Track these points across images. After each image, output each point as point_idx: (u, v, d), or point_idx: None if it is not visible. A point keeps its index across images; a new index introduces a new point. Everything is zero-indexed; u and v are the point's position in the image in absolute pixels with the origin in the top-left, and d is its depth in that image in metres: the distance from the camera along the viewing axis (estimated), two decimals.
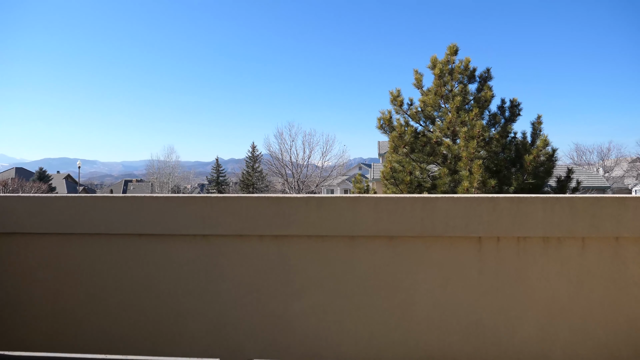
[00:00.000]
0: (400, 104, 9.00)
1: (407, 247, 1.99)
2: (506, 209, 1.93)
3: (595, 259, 1.93)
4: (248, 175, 49.99)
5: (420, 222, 1.94)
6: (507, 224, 1.93)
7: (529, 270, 1.95)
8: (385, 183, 8.48)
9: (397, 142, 8.20)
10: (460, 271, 1.97)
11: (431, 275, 1.98)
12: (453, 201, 1.94)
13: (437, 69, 8.87)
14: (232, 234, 2.02)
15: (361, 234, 1.97)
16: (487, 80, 9.14)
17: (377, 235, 1.97)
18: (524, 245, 1.95)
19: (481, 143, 7.50)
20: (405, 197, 1.96)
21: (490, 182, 7.11)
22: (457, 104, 8.10)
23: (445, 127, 8.40)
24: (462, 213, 1.94)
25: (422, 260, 1.98)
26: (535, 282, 1.95)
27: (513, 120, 8.91)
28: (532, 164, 7.52)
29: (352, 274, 2.00)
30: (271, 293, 2.03)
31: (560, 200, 1.92)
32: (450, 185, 7.84)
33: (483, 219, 1.93)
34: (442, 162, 8.14)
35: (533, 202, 1.92)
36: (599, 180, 38.71)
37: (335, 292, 2.01)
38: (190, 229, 2.02)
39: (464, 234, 1.94)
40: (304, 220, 1.98)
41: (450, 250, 1.97)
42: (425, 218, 1.95)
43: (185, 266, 2.05)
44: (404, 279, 1.99)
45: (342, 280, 2.01)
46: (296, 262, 2.02)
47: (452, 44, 9.22)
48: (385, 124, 8.80)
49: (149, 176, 75.86)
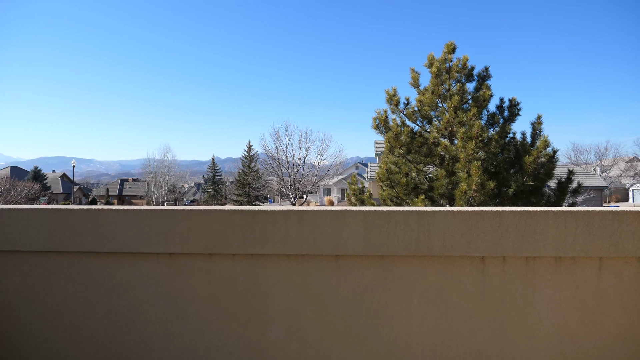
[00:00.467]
0: (397, 104, 8.75)
1: (399, 267, 1.75)
2: (513, 224, 1.69)
3: (615, 282, 1.69)
4: (244, 175, 49.67)
5: (414, 240, 1.70)
6: (514, 241, 1.69)
7: (538, 294, 1.71)
8: (380, 185, 8.24)
9: (393, 142, 7.96)
10: (461, 295, 1.73)
11: (427, 299, 1.74)
12: (452, 215, 1.70)
13: (434, 68, 8.63)
14: (201, 252, 1.78)
15: (347, 252, 1.73)
16: (486, 79, 8.90)
17: (366, 255, 1.73)
18: (533, 266, 1.72)
19: (480, 144, 7.27)
20: (397, 210, 1.72)
21: (489, 184, 6.87)
22: (455, 103, 7.86)
23: (442, 127, 8.16)
24: (462, 229, 1.70)
25: (417, 282, 1.74)
26: (546, 308, 1.71)
27: (512, 120, 8.68)
28: (532, 165, 7.29)
29: (337, 297, 1.76)
30: (245, 318, 1.79)
31: (575, 215, 1.68)
32: (447, 188, 7.60)
33: (486, 236, 1.69)
34: (440, 163, 7.91)
35: (544, 217, 1.69)
36: (597, 180, 38.64)
37: (317, 318, 1.77)
38: (153, 246, 1.78)
39: (464, 253, 1.70)
40: (283, 237, 1.74)
41: (449, 271, 1.73)
42: (420, 235, 1.70)
43: (147, 288, 1.81)
44: (396, 304, 1.75)
45: (326, 305, 1.77)
46: (273, 283, 1.78)
47: (450, 42, 8.97)
48: (380, 124, 8.55)
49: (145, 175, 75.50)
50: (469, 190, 6.88)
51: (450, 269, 1.73)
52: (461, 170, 7.27)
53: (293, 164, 36.55)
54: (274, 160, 37.07)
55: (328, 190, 63.57)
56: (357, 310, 1.76)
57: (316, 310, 1.76)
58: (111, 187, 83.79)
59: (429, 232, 1.70)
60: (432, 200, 7.88)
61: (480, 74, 9.09)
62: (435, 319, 1.74)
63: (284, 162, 36.70)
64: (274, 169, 37.53)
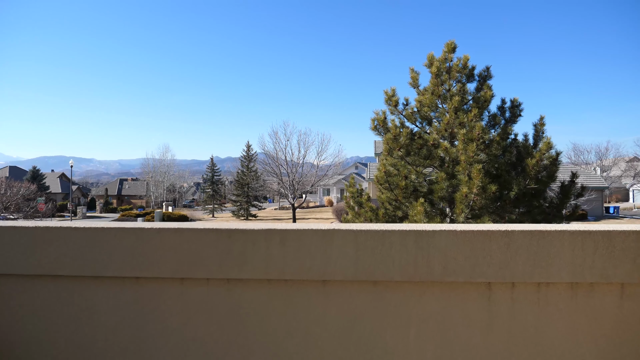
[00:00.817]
0: (396, 104, 8.53)
1: (395, 294, 1.55)
2: (523, 246, 1.49)
3: (639, 311, 1.50)
4: (243, 175, 49.42)
5: (412, 263, 1.51)
6: (524, 265, 1.49)
7: (552, 325, 1.51)
8: (379, 188, 8.03)
9: (392, 144, 7.74)
10: (464, 326, 1.53)
11: (426, 330, 1.54)
12: (455, 236, 1.50)
13: (434, 67, 8.41)
14: (172, 276, 1.58)
15: (336, 277, 1.53)
16: (487, 79, 8.68)
17: (357, 280, 1.53)
18: (545, 293, 1.52)
19: (481, 146, 7.06)
20: (393, 230, 1.52)
21: (491, 187, 6.67)
22: (455, 104, 7.65)
23: (442, 128, 7.95)
24: (466, 251, 1.50)
25: (415, 311, 1.54)
26: (561, 341, 1.51)
27: (514, 122, 8.47)
28: (534, 168, 7.08)
29: (325, 327, 1.56)
30: (222, 350, 1.59)
31: (594, 235, 1.48)
32: (447, 191, 7.40)
33: (493, 260, 1.49)
34: (440, 165, 7.70)
35: (558, 238, 1.49)
36: (597, 181, 38.43)
37: (302, 351, 1.57)
38: (118, 269, 1.58)
39: (469, 279, 1.50)
40: (263, 260, 1.54)
41: (451, 299, 1.53)
42: (418, 257, 1.51)
43: (111, 317, 1.61)
44: (391, 336, 1.55)
45: (312, 336, 1.57)
46: (253, 312, 1.58)
47: (450, 41, 8.75)
48: (379, 125, 8.33)
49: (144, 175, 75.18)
50: (469, 194, 6.68)
51: (452, 296, 1.53)
52: (462, 173, 7.07)
53: (292, 164, 36.33)
54: (273, 160, 36.86)
55: (327, 190, 63.35)
56: (347, 342, 1.56)
57: (301, 341, 1.57)
58: (110, 187, 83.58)
59: (428, 255, 1.50)
60: (431, 204, 7.68)
61: (481, 74, 8.87)
62: (435, 352, 1.54)
63: (282, 162, 36.48)
64: (272, 169, 37.31)
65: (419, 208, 6.80)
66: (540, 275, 1.49)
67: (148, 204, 69.27)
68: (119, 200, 79.95)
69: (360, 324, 1.55)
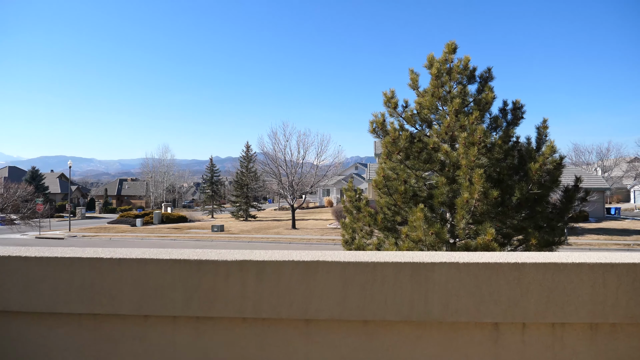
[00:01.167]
0: (395, 106, 8.33)
1: (388, 336, 1.35)
2: (536, 280, 1.30)
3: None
4: (242, 176, 49.20)
5: (407, 301, 1.31)
6: (537, 303, 1.30)
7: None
8: (378, 192, 7.83)
9: (391, 147, 7.54)
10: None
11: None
12: (457, 269, 1.31)
13: (435, 69, 8.20)
14: (133, 313, 1.38)
15: (320, 316, 1.34)
16: (488, 81, 8.47)
17: (344, 319, 1.34)
18: (561, 335, 1.32)
19: (482, 150, 6.86)
20: (385, 262, 1.32)
21: (493, 192, 6.46)
22: (456, 106, 7.44)
23: (443, 131, 7.75)
24: (470, 287, 1.30)
25: (411, 356, 1.35)
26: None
27: (516, 124, 8.27)
28: (538, 172, 6.88)
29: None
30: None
31: (617, 269, 1.29)
32: (448, 196, 7.20)
33: (502, 297, 1.30)
34: (440, 169, 7.50)
35: (576, 271, 1.29)
36: (599, 182, 38.18)
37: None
38: (73, 305, 1.39)
39: (473, 319, 1.31)
40: (237, 296, 1.34)
41: (453, 342, 1.34)
42: (415, 294, 1.31)
43: (66, 358, 1.41)
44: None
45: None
46: (225, 354, 1.38)
47: (451, 42, 8.55)
48: (378, 128, 8.13)
49: (144, 175, 74.84)
50: (471, 199, 6.48)
51: (454, 338, 1.34)
52: (462, 178, 6.87)
53: (291, 164, 36.11)
54: (272, 161, 36.64)
55: (327, 191, 63.09)
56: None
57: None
58: (110, 187, 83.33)
59: (426, 291, 1.31)
60: (431, 209, 7.47)
61: (483, 75, 8.66)
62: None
63: (282, 162, 36.26)
64: (272, 169, 37.10)
65: (419, 214, 6.60)
66: (556, 314, 1.30)
67: (148, 204, 69.02)
68: (119, 200, 79.74)
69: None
